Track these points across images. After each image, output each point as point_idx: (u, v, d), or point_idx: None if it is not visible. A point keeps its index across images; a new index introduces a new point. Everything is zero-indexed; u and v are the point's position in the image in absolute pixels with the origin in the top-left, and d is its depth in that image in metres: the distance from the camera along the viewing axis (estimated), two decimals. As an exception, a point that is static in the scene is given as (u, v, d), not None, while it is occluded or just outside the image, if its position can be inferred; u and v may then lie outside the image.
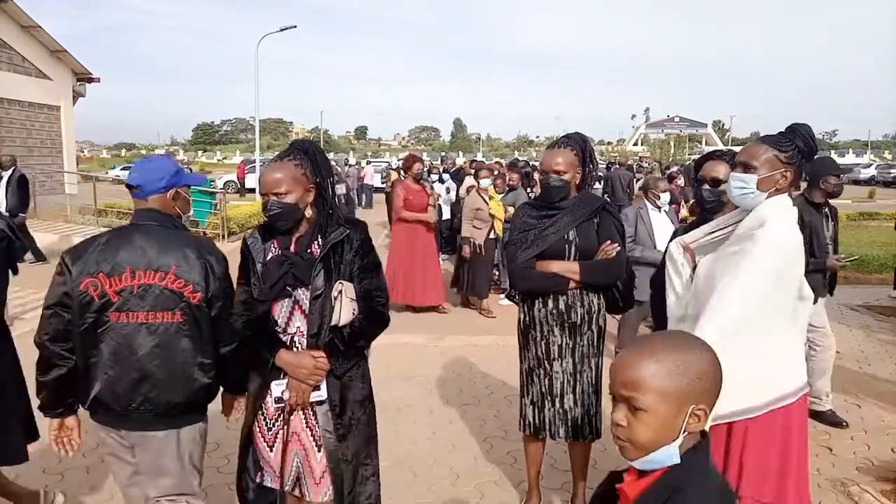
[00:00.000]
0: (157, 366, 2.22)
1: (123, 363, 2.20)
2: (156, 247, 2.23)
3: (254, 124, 32.90)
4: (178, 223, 2.39)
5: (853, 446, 4.00)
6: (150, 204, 2.32)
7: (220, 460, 3.76)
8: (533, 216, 2.98)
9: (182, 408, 2.31)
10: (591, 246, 2.88)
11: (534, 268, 2.88)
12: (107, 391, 2.22)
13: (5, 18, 13.18)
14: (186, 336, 2.24)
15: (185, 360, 2.25)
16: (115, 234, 2.31)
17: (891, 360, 5.65)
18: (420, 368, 5.39)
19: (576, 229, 2.88)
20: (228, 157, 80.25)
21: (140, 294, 2.20)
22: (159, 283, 2.21)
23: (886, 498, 3.30)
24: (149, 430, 2.28)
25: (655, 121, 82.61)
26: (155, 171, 2.34)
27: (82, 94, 16.16)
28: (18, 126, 13.85)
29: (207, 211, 14.15)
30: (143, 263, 2.21)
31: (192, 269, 2.23)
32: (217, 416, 4.39)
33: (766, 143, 2.20)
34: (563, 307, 2.88)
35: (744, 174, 2.20)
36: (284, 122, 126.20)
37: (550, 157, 2.92)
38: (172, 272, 2.22)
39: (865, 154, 71.22)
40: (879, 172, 36.98)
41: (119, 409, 2.23)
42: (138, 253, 2.22)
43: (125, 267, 2.20)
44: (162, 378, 2.23)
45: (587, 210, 2.90)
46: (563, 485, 3.47)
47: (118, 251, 2.23)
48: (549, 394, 2.95)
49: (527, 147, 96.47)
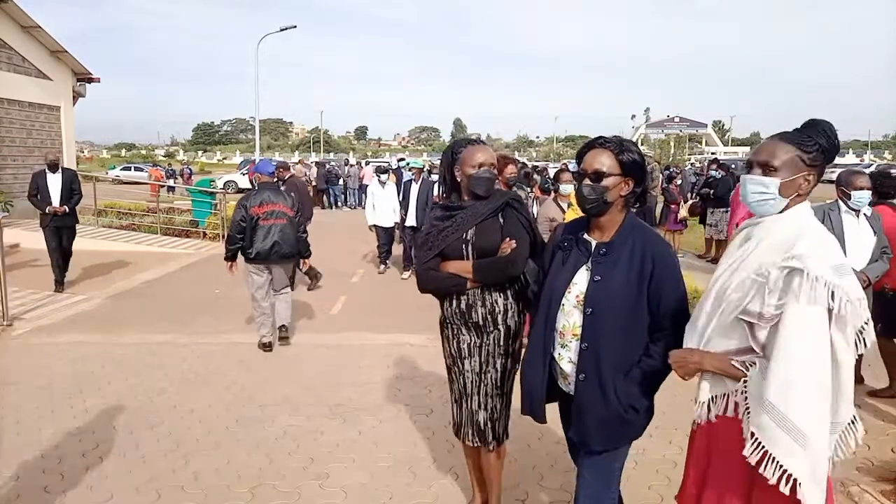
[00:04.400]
0: (280, 239, 5.78)
1: (266, 238, 5.73)
2: (273, 194, 5.92)
3: (254, 124, 32.88)
4: (278, 186, 6.42)
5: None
6: (265, 179, 6.06)
7: (221, 461, 3.76)
8: (438, 217, 2.92)
9: (289, 255, 5.92)
10: (492, 244, 2.78)
11: (436, 269, 2.84)
12: (259, 249, 5.73)
13: (5, 18, 13.17)
14: (289, 227, 5.85)
15: (289, 236, 5.84)
16: (259, 190, 5.93)
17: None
18: (420, 368, 5.39)
19: (475, 228, 2.81)
20: (228, 157, 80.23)
21: (270, 212, 5.77)
22: (277, 208, 5.82)
23: (886, 498, 3.30)
24: (277, 263, 5.89)
25: (655, 121, 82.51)
26: (268, 165, 6.36)
27: (82, 94, 16.15)
28: (18, 126, 13.84)
29: (208, 211, 14.16)
30: (270, 200, 5.82)
31: (287, 202, 5.93)
32: (219, 418, 4.41)
33: (788, 141, 1.91)
34: (464, 307, 2.82)
35: (763, 176, 1.92)
36: (284, 122, 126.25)
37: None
38: (280, 203, 5.86)
39: (865, 154, 71.20)
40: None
41: (264, 256, 5.75)
42: (268, 196, 5.85)
43: (265, 202, 5.79)
44: (282, 243, 5.79)
45: (490, 208, 2.83)
46: (563, 485, 3.47)
47: (260, 196, 5.82)
48: (463, 392, 2.90)
49: (527, 147, 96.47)
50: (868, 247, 4.06)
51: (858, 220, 4.14)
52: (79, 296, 8.04)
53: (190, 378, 5.19)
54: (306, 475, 3.60)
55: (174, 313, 7.39)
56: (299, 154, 74.93)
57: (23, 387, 4.94)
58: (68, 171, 8.70)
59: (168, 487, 3.46)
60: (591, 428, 2.21)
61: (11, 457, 3.79)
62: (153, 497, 3.38)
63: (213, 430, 4.21)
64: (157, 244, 12.24)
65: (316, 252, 6.95)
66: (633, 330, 2.17)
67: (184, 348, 5.99)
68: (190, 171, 35.49)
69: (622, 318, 2.15)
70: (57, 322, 6.93)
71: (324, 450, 3.92)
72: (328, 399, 4.73)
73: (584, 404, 2.20)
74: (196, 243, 12.56)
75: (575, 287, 2.24)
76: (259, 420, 4.36)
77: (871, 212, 4.21)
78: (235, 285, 8.79)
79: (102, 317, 7.20)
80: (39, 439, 4.04)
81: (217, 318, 7.18)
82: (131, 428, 4.23)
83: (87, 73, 15.89)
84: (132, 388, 4.93)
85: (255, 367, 5.49)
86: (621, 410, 2.15)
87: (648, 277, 2.14)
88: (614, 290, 2.15)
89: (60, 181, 8.45)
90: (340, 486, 3.48)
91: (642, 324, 2.18)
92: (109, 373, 5.27)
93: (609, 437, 2.21)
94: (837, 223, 4.13)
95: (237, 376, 5.22)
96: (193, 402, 4.68)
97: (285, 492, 3.42)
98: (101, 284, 8.77)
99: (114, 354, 5.75)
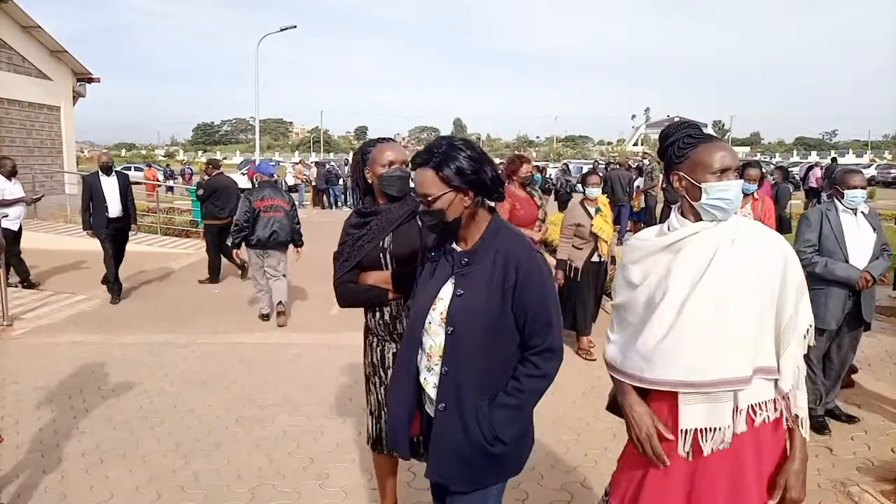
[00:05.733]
0: (278, 229, 6.69)
1: (266, 228, 6.64)
2: (273, 191, 6.92)
3: (254, 124, 32.89)
4: (278, 185, 7.87)
5: (853, 446, 4.00)
6: (265, 178, 7.10)
7: (221, 461, 3.76)
8: (353, 224, 2.72)
9: (284, 242, 6.86)
10: (410, 250, 2.56)
11: (354, 281, 2.67)
12: (261, 237, 6.65)
13: (5, 18, 13.17)
14: (287, 219, 6.79)
15: (286, 227, 6.77)
16: (260, 187, 6.92)
17: (891, 360, 5.64)
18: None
19: (392, 234, 2.63)
20: (228, 157, 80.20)
21: (270, 206, 6.71)
22: (276, 202, 6.76)
23: (886, 498, 3.30)
24: (275, 249, 6.81)
25: (655, 121, 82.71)
26: (269, 167, 7.72)
27: (82, 94, 16.16)
28: (18, 126, 13.84)
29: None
30: (270, 196, 6.79)
31: (284, 198, 6.96)
32: (219, 418, 4.41)
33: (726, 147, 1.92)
34: (388, 318, 2.67)
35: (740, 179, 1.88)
36: (284, 122, 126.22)
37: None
38: (279, 199, 6.83)
39: (865, 154, 71.25)
40: (879, 172, 36.94)
41: (264, 242, 6.68)
42: (268, 192, 6.83)
43: (266, 197, 6.74)
44: (279, 232, 6.71)
45: (405, 210, 2.64)
46: (563, 485, 3.48)
47: (261, 192, 6.81)
48: (385, 404, 2.65)
49: (527, 147, 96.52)
50: (869, 244, 4.07)
51: (857, 219, 4.11)
52: (79, 296, 8.04)
53: (190, 378, 5.19)
54: (306, 475, 3.60)
55: (174, 313, 7.39)
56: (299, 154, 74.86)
57: (23, 387, 4.94)
58: (122, 175, 8.09)
59: (168, 487, 3.47)
60: (452, 465, 1.92)
61: (11, 457, 3.79)
62: (153, 497, 3.38)
63: (213, 430, 4.21)
64: (157, 244, 12.24)
65: (316, 251, 6.95)
66: (499, 350, 1.90)
67: (184, 348, 5.99)
68: (191, 171, 35.50)
69: (485, 337, 1.88)
70: (57, 322, 6.93)
71: (324, 450, 3.92)
72: (328, 399, 4.73)
73: (443, 438, 1.91)
74: (196, 243, 12.55)
75: (440, 303, 1.95)
76: (259, 420, 4.36)
77: (868, 209, 4.19)
78: (235, 285, 8.81)
79: (102, 317, 7.20)
80: (39, 439, 4.04)
81: (217, 318, 7.18)
82: (131, 428, 4.23)
83: (87, 73, 15.91)
84: (132, 388, 4.93)
85: (255, 367, 5.49)
86: (486, 444, 1.87)
87: (511, 288, 1.87)
88: (476, 305, 1.88)
89: (117, 185, 7.81)
90: (340, 486, 3.48)
91: (509, 342, 1.91)
92: (109, 373, 5.27)
93: (473, 475, 1.92)
94: (836, 223, 4.08)
95: (237, 376, 5.22)
96: (193, 402, 4.68)
97: (285, 492, 3.42)
98: (101, 284, 8.77)
99: (114, 354, 5.75)
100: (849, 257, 4.03)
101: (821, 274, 4.04)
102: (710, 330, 1.75)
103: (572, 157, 62.78)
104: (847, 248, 4.04)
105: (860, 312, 4.13)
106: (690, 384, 1.76)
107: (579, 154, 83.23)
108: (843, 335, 4.21)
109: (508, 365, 1.91)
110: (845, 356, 4.29)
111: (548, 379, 1.93)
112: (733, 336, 1.75)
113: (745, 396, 1.76)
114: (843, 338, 4.22)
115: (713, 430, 1.76)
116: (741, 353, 1.75)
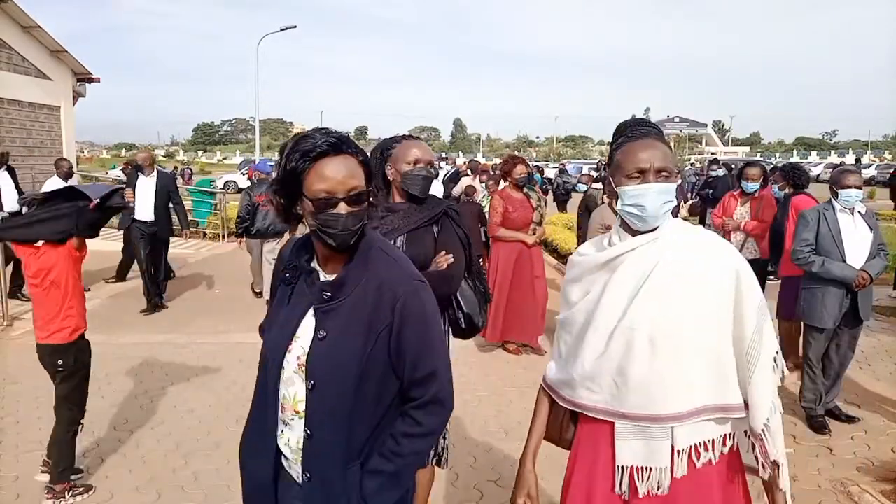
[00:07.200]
0: (274, 220, 7.30)
1: (264, 220, 7.54)
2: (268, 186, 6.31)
3: (254, 124, 32.90)
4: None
5: (853, 446, 4.00)
6: (264, 176, 7.91)
7: (221, 461, 3.76)
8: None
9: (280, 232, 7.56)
10: (424, 256, 2.47)
11: None
12: (259, 227, 7.58)
13: (5, 18, 13.16)
14: None
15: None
16: (259, 183, 7.73)
17: (891, 360, 5.64)
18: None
19: (406, 236, 2.53)
20: (228, 157, 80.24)
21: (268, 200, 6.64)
22: None
23: (886, 498, 3.30)
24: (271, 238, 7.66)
25: (655, 121, 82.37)
26: (266, 166, 8.93)
27: (82, 94, 16.14)
28: (18, 126, 13.84)
29: (208, 211, 14.16)
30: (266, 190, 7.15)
31: None
32: (219, 418, 4.41)
33: (664, 141, 1.67)
34: None
35: (668, 183, 1.61)
36: (284, 122, 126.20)
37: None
38: None
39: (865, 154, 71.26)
40: (879, 172, 36.95)
41: (262, 232, 7.60)
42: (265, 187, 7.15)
43: (265, 192, 7.23)
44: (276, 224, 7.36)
45: (425, 215, 2.54)
46: (563, 485, 3.47)
47: (261, 188, 7.56)
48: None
49: (527, 147, 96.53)
50: (866, 244, 4.09)
51: (854, 218, 4.12)
52: (79, 296, 8.02)
53: (190, 378, 5.19)
54: (306, 475, 3.60)
55: (174, 313, 7.39)
56: (299, 154, 74.75)
57: (23, 387, 4.94)
58: (164, 175, 7.82)
59: (168, 487, 3.47)
60: None
61: (11, 457, 3.79)
62: (153, 497, 3.38)
63: (213, 430, 4.21)
64: (157, 244, 12.21)
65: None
66: (371, 403, 1.52)
67: (184, 348, 5.99)
68: (190, 171, 35.51)
69: (355, 391, 1.49)
70: (57, 322, 6.92)
71: (324, 450, 3.91)
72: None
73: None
74: (196, 243, 12.55)
75: (297, 344, 1.56)
76: (259, 420, 4.35)
77: (865, 209, 4.20)
78: (235, 285, 8.81)
79: (102, 317, 7.19)
80: (39, 439, 4.04)
81: (217, 318, 7.18)
82: (131, 428, 4.23)
83: (87, 73, 15.88)
84: (132, 388, 4.93)
85: (255, 366, 5.47)
86: None
87: (387, 330, 1.49)
88: (341, 352, 1.49)
89: (154, 186, 7.47)
90: (340, 486, 3.48)
91: (386, 392, 1.54)
92: (109, 373, 5.27)
93: None
94: (833, 222, 4.09)
95: (237, 376, 5.22)
96: (193, 402, 4.68)
97: (285, 492, 3.42)
98: (101, 284, 8.77)
99: (114, 354, 5.74)
100: (846, 257, 4.04)
101: (818, 273, 4.07)
102: (643, 357, 1.55)
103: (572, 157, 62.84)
104: (844, 248, 4.05)
105: (858, 311, 4.14)
106: (621, 414, 1.59)
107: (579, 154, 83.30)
108: (842, 334, 4.23)
109: (386, 419, 1.56)
110: (844, 355, 4.30)
111: (432, 437, 1.61)
112: (670, 365, 1.53)
113: (685, 434, 1.55)
114: (842, 337, 4.23)
115: (649, 469, 1.57)
116: (677, 384, 1.54)
